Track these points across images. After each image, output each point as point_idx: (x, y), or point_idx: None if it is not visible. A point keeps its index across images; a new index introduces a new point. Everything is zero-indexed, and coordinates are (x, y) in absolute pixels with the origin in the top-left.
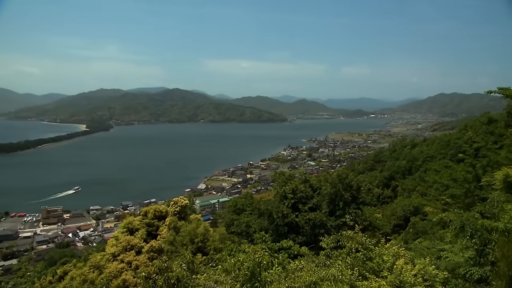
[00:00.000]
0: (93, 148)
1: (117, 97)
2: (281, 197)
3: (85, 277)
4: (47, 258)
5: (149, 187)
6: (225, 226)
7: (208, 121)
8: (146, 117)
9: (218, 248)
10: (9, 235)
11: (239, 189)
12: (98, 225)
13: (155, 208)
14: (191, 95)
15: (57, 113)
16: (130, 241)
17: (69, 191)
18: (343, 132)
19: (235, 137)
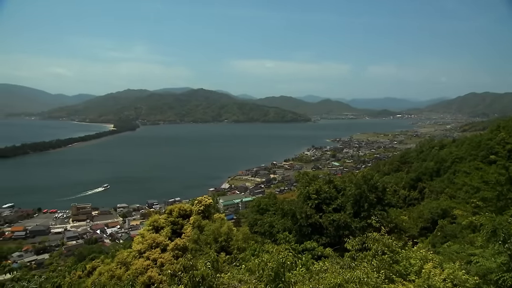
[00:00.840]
0: (120, 147)
1: (143, 97)
2: (304, 197)
3: (112, 273)
4: (77, 254)
5: (173, 185)
6: (249, 225)
7: (232, 121)
8: (171, 117)
9: (241, 248)
10: (41, 230)
11: (262, 189)
12: (124, 223)
13: (180, 207)
14: (215, 95)
15: (87, 113)
16: (156, 239)
17: (98, 189)
18: (368, 133)
19: (258, 137)
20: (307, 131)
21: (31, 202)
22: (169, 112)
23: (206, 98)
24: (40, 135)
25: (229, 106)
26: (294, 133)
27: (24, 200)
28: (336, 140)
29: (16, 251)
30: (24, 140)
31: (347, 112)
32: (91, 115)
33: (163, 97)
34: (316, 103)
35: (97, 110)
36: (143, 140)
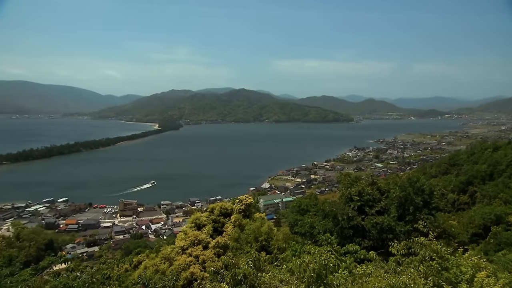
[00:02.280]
0: (164, 146)
1: (187, 98)
2: (346, 199)
3: (157, 268)
4: (124, 248)
5: (215, 184)
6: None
7: (272, 121)
8: (213, 116)
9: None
10: (92, 224)
11: (302, 189)
12: (168, 219)
13: (221, 205)
14: (257, 95)
15: (133, 112)
16: (198, 236)
17: (146, 185)
18: (414, 133)
19: (299, 137)
20: (349, 131)
21: (83, 197)
22: (211, 112)
23: (248, 98)
24: (91, 134)
25: (270, 106)
26: (336, 133)
27: (77, 194)
28: (379, 141)
29: (70, 243)
30: (77, 138)
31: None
32: (138, 115)
33: (205, 97)
34: (358, 103)
35: (143, 110)
36: (186, 139)
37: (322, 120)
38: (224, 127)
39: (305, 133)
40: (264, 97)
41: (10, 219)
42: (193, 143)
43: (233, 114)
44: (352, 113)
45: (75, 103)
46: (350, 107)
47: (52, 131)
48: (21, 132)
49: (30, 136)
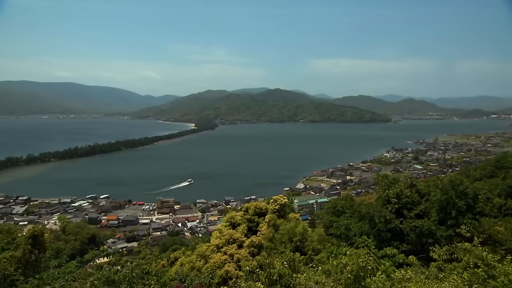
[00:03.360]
0: (200, 145)
1: (222, 98)
2: (384, 201)
3: (193, 265)
4: (161, 244)
5: (249, 183)
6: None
7: (307, 121)
8: (248, 116)
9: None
10: (131, 220)
11: (338, 190)
12: (203, 218)
13: (256, 205)
14: (292, 95)
15: (171, 112)
16: (233, 235)
17: (183, 183)
18: (456, 134)
19: (335, 137)
20: (387, 131)
21: (122, 194)
22: (246, 112)
23: (283, 98)
24: (130, 133)
25: (305, 106)
26: (373, 133)
27: (117, 191)
28: (419, 141)
29: (110, 238)
30: (117, 137)
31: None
32: (175, 115)
33: (240, 98)
34: (397, 103)
35: (180, 110)
36: (221, 138)
37: (359, 120)
38: (259, 127)
39: (340, 134)
40: (299, 97)
41: (57, 214)
42: (228, 143)
43: (268, 114)
44: (390, 113)
45: (116, 103)
46: (388, 107)
47: (95, 130)
48: (67, 131)
49: (75, 135)
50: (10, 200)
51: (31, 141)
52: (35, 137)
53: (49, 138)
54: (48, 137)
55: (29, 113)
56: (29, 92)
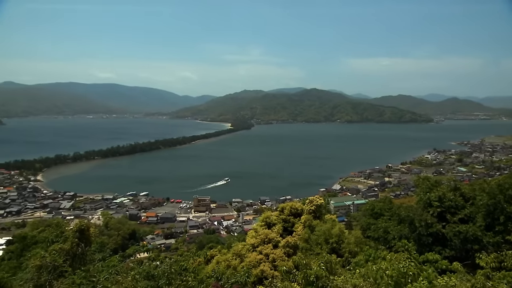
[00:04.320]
0: (237, 145)
1: (258, 98)
2: (425, 204)
3: (228, 263)
4: (197, 242)
5: (284, 183)
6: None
7: (344, 121)
8: (284, 116)
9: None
10: (169, 218)
11: (375, 192)
12: (239, 217)
13: (291, 205)
14: (328, 95)
15: (208, 112)
16: (268, 235)
17: (220, 182)
18: (505, 135)
19: (373, 138)
20: (428, 132)
21: (161, 192)
22: (282, 112)
23: (319, 98)
24: (169, 133)
25: (342, 106)
26: (413, 134)
27: (156, 189)
28: (463, 143)
29: (149, 234)
30: (157, 136)
31: (478, 112)
32: (212, 115)
33: (276, 97)
34: (439, 102)
35: (217, 110)
36: (257, 138)
37: (398, 121)
38: (295, 127)
39: (379, 134)
40: (336, 97)
41: (100, 209)
42: (264, 143)
43: (304, 114)
44: (432, 113)
45: (156, 103)
46: (429, 106)
47: (136, 130)
48: (110, 130)
49: (117, 134)
50: (58, 195)
51: (77, 139)
52: (81, 136)
53: (93, 137)
54: (92, 136)
55: (76, 113)
56: (75, 93)
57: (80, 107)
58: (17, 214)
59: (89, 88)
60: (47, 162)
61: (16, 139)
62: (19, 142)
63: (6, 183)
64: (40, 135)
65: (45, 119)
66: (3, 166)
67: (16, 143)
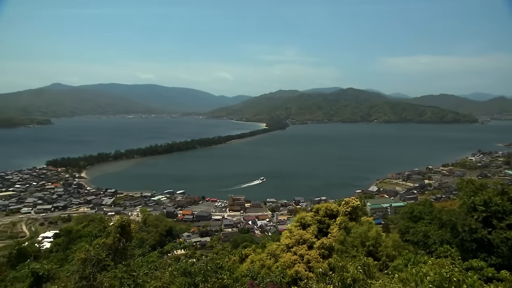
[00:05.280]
0: (272, 145)
1: (293, 98)
2: (468, 208)
3: (263, 263)
4: (232, 240)
5: (319, 183)
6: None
7: (382, 121)
8: (320, 116)
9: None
10: (204, 216)
11: (414, 194)
12: (273, 217)
13: (327, 206)
14: (365, 94)
15: (243, 112)
16: (303, 236)
17: (256, 181)
18: None
19: (411, 139)
20: (472, 133)
21: (197, 190)
22: (317, 112)
23: (356, 98)
24: (205, 132)
25: (380, 106)
26: (455, 135)
27: (192, 187)
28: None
29: (186, 232)
30: (193, 136)
31: None
32: (247, 115)
33: (312, 97)
34: (485, 102)
35: (252, 110)
36: (292, 138)
37: (439, 121)
38: (331, 127)
39: (418, 135)
40: (373, 96)
41: (139, 206)
42: (299, 143)
43: (340, 114)
44: (477, 113)
45: (193, 103)
46: (474, 106)
47: (173, 129)
48: (149, 130)
49: (155, 133)
50: (100, 192)
51: (118, 138)
52: (122, 135)
53: (133, 136)
54: (132, 135)
55: (117, 112)
56: (117, 93)
57: (121, 107)
58: (63, 209)
59: (130, 89)
60: (90, 160)
61: (63, 138)
62: (65, 141)
63: (53, 179)
64: (84, 134)
65: (89, 118)
66: (51, 163)
67: (63, 141)
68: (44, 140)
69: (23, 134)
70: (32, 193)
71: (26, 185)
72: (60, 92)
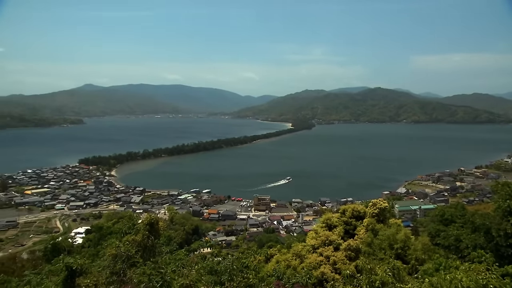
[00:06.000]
0: (297, 145)
1: (320, 98)
2: (504, 212)
3: (288, 263)
4: (257, 240)
5: (345, 184)
6: (429, 236)
7: (411, 121)
8: (346, 116)
9: (420, 259)
10: (230, 215)
11: (445, 197)
12: (298, 217)
13: (353, 208)
14: (394, 94)
15: (269, 112)
16: (329, 237)
17: (282, 181)
18: None
19: (442, 139)
20: (508, 134)
21: (222, 189)
22: (344, 112)
23: (384, 97)
24: (231, 132)
25: (409, 105)
26: (490, 136)
27: (218, 186)
28: None
29: (211, 231)
30: (219, 136)
31: None
32: (273, 115)
33: (338, 97)
34: None
35: (278, 110)
36: (318, 138)
37: (473, 121)
38: (358, 127)
39: (449, 135)
40: (402, 96)
41: (166, 204)
42: (325, 143)
43: (367, 114)
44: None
45: (219, 103)
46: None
47: (199, 129)
48: (176, 129)
49: (182, 133)
50: (129, 190)
51: (146, 138)
52: (150, 135)
53: (160, 135)
54: (159, 135)
55: (145, 112)
56: (145, 94)
57: (149, 107)
58: (94, 206)
59: (158, 89)
60: (120, 159)
61: (94, 137)
62: (96, 140)
63: (85, 177)
64: (114, 133)
65: (119, 118)
66: (83, 162)
67: (94, 140)
68: (76, 139)
69: (58, 133)
70: (65, 190)
71: (60, 182)
72: (91, 93)
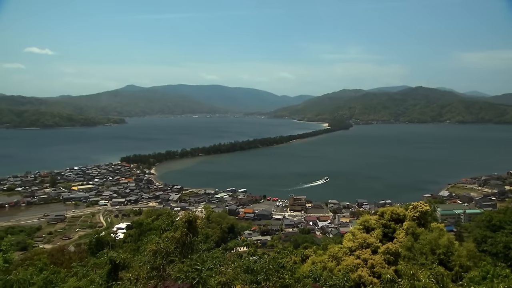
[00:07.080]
0: (334, 145)
1: (357, 97)
2: None
3: (324, 265)
4: (292, 240)
5: (383, 186)
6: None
7: (455, 121)
8: (385, 116)
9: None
10: (265, 215)
11: (493, 201)
12: (334, 218)
13: (392, 210)
14: (436, 93)
15: (305, 112)
16: (366, 239)
17: (319, 181)
18: None
19: (490, 141)
20: None
21: (258, 189)
22: (382, 112)
23: (425, 97)
24: (267, 132)
25: (453, 105)
26: None
27: (254, 186)
28: None
29: (247, 230)
30: (255, 135)
31: None
32: (309, 114)
33: (377, 97)
34: None
35: (315, 109)
36: (355, 138)
37: None
38: (397, 127)
39: (498, 136)
40: (446, 95)
41: (203, 203)
42: (363, 143)
43: (408, 114)
44: None
45: (255, 103)
46: None
47: (236, 129)
48: (213, 129)
49: (219, 132)
50: (167, 188)
51: (184, 137)
52: (187, 134)
53: (198, 135)
54: (197, 134)
55: (183, 112)
56: (184, 94)
57: (188, 107)
58: (135, 203)
59: (196, 89)
60: (159, 157)
61: (135, 136)
62: (137, 139)
63: (127, 174)
64: (154, 132)
65: (159, 118)
66: (125, 160)
67: (135, 139)
68: (118, 138)
69: (101, 132)
70: (108, 187)
71: (103, 179)
72: (133, 93)
